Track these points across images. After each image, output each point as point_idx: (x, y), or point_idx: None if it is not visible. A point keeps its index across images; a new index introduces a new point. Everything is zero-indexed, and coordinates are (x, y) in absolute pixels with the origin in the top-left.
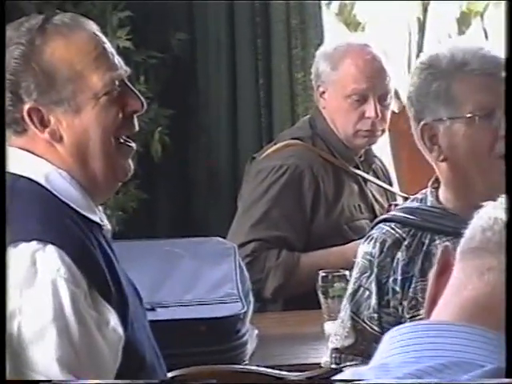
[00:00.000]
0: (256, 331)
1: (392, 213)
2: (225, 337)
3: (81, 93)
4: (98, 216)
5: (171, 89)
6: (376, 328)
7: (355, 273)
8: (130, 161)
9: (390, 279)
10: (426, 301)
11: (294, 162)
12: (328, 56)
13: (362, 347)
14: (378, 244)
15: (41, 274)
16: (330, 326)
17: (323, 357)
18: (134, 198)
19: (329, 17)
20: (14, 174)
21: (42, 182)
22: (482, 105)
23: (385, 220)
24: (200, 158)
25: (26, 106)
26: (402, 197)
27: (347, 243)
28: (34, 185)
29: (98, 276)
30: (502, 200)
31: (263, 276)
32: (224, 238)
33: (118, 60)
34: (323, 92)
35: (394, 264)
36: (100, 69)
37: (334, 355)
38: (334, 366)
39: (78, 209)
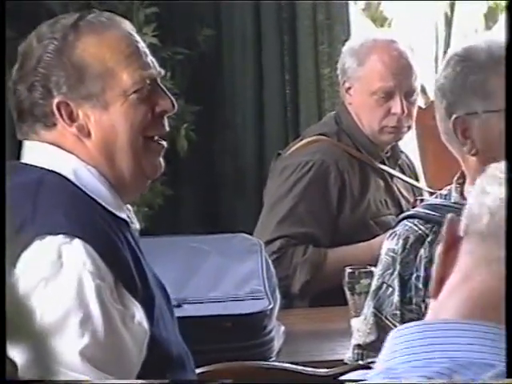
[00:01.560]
0: (283, 328)
1: (415, 209)
2: (251, 333)
3: (110, 89)
4: (126, 213)
5: (197, 85)
6: (398, 325)
7: (379, 269)
8: (161, 159)
9: (413, 276)
10: (432, 280)
11: (320, 158)
12: (354, 52)
13: (383, 344)
14: (401, 241)
15: (66, 267)
16: (356, 323)
17: (347, 353)
18: (159, 195)
19: (355, 12)
20: (43, 169)
21: (71, 177)
22: None
23: (408, 216)
24: (226, 154)
25: (56, 100)
26: (428, 192)
27: (374, 238)
28: (63, 179)
29: (124, 271)
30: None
31: (290, 272)
32: (250, 234)
33: (151, 60)
34: (349, 88)
35: (417, 261)
36: (131, 67)
37: (356, 351)
38: (356, 362)
39: (105, 205)
